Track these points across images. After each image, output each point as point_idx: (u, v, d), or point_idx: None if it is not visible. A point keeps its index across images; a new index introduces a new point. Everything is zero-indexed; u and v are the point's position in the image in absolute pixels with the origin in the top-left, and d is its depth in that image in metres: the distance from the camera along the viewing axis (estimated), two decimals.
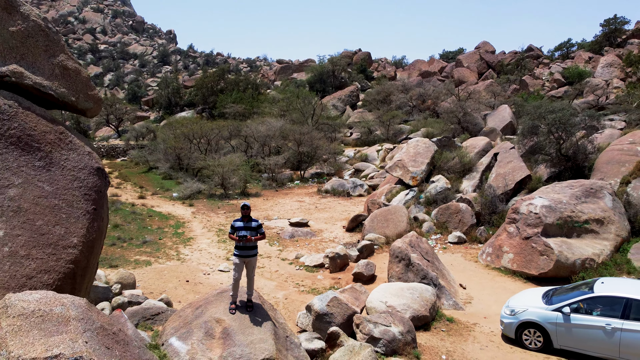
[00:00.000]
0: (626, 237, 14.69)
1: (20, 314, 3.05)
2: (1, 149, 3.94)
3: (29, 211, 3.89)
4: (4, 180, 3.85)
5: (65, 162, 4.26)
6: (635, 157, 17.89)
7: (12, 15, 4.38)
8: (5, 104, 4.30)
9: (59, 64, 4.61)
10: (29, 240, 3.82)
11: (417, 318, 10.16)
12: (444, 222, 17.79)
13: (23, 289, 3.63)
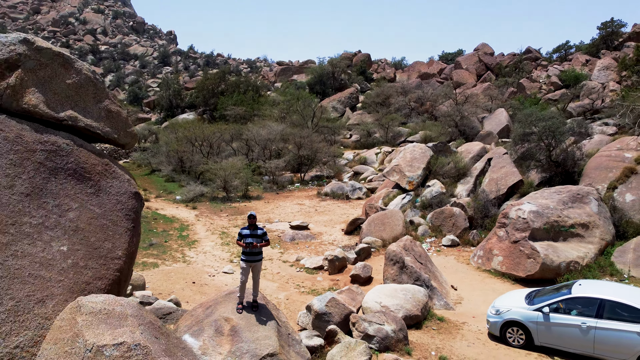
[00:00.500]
0: (610, 240, 15.51)
1: (90, 312, 3.86)
2: (61, 179, 4.81)
3: (85, 230, 4.74)
4: (64, 205, 4.70)
5: (110, 188, 5.12)
6: (622, 163, 18.69)
7: (68, 70, 5.25)
8: (64, 143, 5.16)
9: (105, 107, 5.48)
10: (85, 254, 4.66)
11: (409, 317, 10.98)
12: (439, 226, 18.62)
13: (83, 293, 4.46)
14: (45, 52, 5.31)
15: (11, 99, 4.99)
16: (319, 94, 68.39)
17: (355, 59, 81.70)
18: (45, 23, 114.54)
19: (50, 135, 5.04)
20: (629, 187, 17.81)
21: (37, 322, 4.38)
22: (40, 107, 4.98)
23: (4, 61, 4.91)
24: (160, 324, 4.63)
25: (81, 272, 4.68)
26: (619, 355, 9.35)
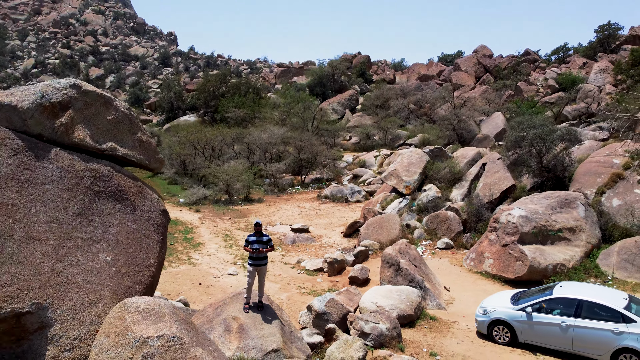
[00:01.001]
0: (596, 244, 16.36)
1: (135, 311, 4.72)
2: (104, 200, 5.69)
3: (124, 242, 5.61)
4: (107, 222, 5.58)
5: (143, 207, 6.00)
6: (610, 168, 19.53)
7: (108, 108, 6.13)
8: (106, 170, 6.04)
9: (138, 138, 6.37)
10: (125, 263, 5.54)
11: (403, 316, 11.83)
12: (434, 229, 19.47)
13: (125, 295, 5.34)
14: (91, 94, 6.21)
15: (64, 134, 5.90)
16: (319, 96, 69.21)
17: (355, 61, 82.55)
18: (46, 24, 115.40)
19: (94, 164, 5.93)
20: (616, 192, 18.67)
21: (91, 319, 5.25)
22: (86, 140, 5.89)
23: (58, 103, 5.81)
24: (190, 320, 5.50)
25: (122, 278, 5.56)
26: (595, 352, 10.21)
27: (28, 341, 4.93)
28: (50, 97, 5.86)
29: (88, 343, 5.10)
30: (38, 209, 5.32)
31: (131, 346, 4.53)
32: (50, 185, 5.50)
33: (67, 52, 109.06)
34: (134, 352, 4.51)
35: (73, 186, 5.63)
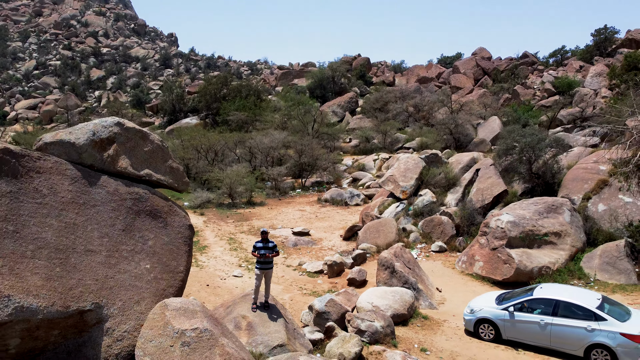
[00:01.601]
0: (581, 247, 17.46)
1: (173, 309, 5.80)
2: (143, 218, 6.78)
3: (159, 253, 6.69)
4: (145, 236, 6.67)
5: (173, 222, 7.11)
6: (597, 175, 20.61)
7: (145, 141, 7.24)
8: (143, 192, 7.16)
9: (169, 165, 7.48)
10: (161, 270, 6.63)
11: (397, 315, 12.93)
12: (429, 233, 20.58)
13: (162, 297, 6.43)
14: (131, 130, 7.33)
15: (110, 164, 7.02)
16: (319, 98, 70.32)
17: (355, 63, 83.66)
18: (47, 25, 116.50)
19: (134, 188, 7.05)
20: (602, 198, 19.76)
21: (136, 316, 6.33)
22: (128, 168, 7.01)
23: (106, 139, 6.93)
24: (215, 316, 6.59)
25: (159, 282, 6.65)
26: (570, 347, 11.31)
27: (88, 333, 6.01)
28: (99, 134, 6.99)
29: (135, 335, 6.19)
30: (92, 226, 6.40)
31: (172, 337, 5.59)
32: (101, 206, 6.60)
33: (68, 53, 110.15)
34: (174, 341, 5.58)
35: (118, 207, 6.74)
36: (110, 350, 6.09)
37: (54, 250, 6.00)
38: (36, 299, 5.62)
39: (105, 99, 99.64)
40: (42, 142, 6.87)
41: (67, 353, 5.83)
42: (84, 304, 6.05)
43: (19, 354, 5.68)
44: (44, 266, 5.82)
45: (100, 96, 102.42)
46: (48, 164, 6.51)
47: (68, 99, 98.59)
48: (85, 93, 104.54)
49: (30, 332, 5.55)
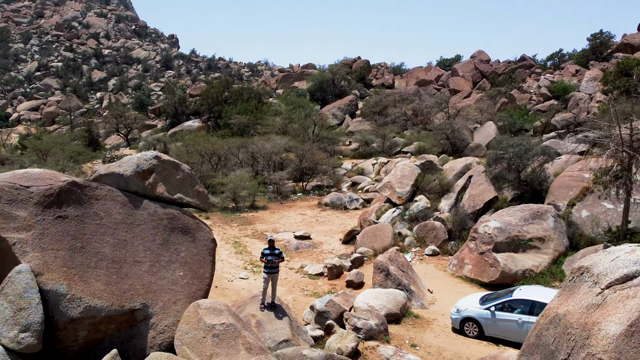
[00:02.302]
0: (563, 251, 18.87)
1: (204, 308, 7.22)
2: (176, 234, 8.18)
3: (190, 262, 8.10)
4: (179, 249, 8.06)
5: (200, 236, 8.51)
6: (581, 182, 22.01)
7: (177, 170, 8.66)
8: (176, 212, 8.59)
9: (196, 190, 8.90)
10: (192, 276, 8.03)
11: (390, 315, 14.36)
12: (423, 237, 22.00)
13: (193, 298, 7.82)
14: (166, 162, 8.76)
15: (150, 190, 8.46)
16: (319, 101, 71.69)
17: (355, 65, 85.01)
18: (48, 27, 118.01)
19: (169, 209, 8.48)
20: (585, 204, 21.17)
21: (174, 313, 7.72)
22: (164, 194, 8.44)
23: (147, 170, 8.38)
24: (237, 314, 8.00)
25: (191, 286, 8.06)
26: None
27: (137, 327, 7.39)
28: (142, 166, 8.43)
29: (173, 329, 7.56)
30: (138, 242, 7.79)
31: (204, 330, 6.96)
32: (144, 225, 8.00)
33: (69, 55, 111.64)
34: (205, 333, 6.95)
35: (157, 225, 8.13)
36: (154, 341, 7.48)
37: (111, 261, 7.40)
38: (100, 300, 7.02)
39: (106, 101, 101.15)
40: (97, 174, 8.33)
41: (120, 343, 7.23)
42: (134, 304, 7.45)
43: (86, 343, 7.10)
44: (104, 274, 7.22)
45: (102, 98, 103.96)
46: (103, 192, 7.96)
47: (70, 101, 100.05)
48: (86, 94, 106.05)
49: (94, 326, 6.97)
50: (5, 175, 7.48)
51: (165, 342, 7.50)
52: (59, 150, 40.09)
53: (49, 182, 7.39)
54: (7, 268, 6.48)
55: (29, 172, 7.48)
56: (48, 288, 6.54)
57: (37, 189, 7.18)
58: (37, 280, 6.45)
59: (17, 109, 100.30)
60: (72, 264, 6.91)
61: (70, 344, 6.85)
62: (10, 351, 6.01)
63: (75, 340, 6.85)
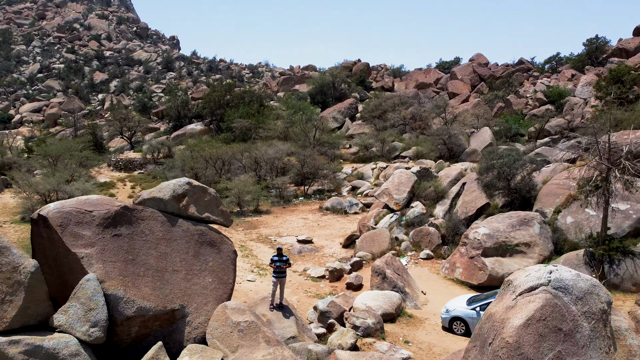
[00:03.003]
0: (548, 256, 20.47)
1: (231, 308, 8.85)
2: (205, 247, 9.77)
3: (217, 271, 9.67)
4: (207, 259, 9.65)
5: (224, 248, 10.10)
6: (567, 190, 23.59)
7: (205, 194, 10.27)
8: (205, 229, 10.20)
9: (220, 209, 10.51)
10: (218, 283, 9.61)
11: (386, 314, 15.97)
12: (418, 242, 23.62)
13: (220, 300, 9.39)
14: (197, 187, 10.38)
15: (183, 211, 10.09)
16: (320, 104, 73.26)
17: (355, 68, 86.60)
18: (50, 29, 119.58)
19: (199, 226, 10.10)
20: (570, 211, 22.76)
21: (205, 313, 9.30)
22: (195, 213, 10.06)
23: (181, 193, 10.00)
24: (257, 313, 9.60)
25: (217, 291, 9.65)
26: None
27: (176, 324, 8.97)
28: (177, 191, 10.04)
29: (205, 325, 9.15)
30: (175, 254, 9.38)
31: (230, 326, 8.55)
32: (179, 240, 9.60)
33: (71, 56, 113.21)
34: (232, 329, 8.53)
35: (189, 240, 9.72)
36: (190, 335, 9.07)
37: (155, 270, 8.98)
38: (148, 302, 8.61)
39: (108, 102, 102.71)
40: (142, 198, 9.95)
41: (163, 337, 8.78)
42: (174, 305, 9.04)
43: (136, 336, 8.70)
44: (150, 281, 8.80)
45: (104, 99, 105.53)
46: (147, 213, 9.57)
47: (72, 102, 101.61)
48: (88, 96, 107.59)
49: (144, 323, 8.56)
50: (71, 201, 9.08)
51: (199, 336, 9.07)
52: (68, 156, 41.73)
53: (107, 207, 8.99)
54: (75, 277, 8.05)
55: (90, 199, 9.07)
56: (109, 293, 8.11)
57: (97, 213, 8.78)
58: (102, 286, 8.03)
59: (20, 110, 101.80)
60: (126, 273, 8.48)
61: (125, 337, 8.43)
62: (82, 342, 7.60)
63: (128, 334, 8.43)
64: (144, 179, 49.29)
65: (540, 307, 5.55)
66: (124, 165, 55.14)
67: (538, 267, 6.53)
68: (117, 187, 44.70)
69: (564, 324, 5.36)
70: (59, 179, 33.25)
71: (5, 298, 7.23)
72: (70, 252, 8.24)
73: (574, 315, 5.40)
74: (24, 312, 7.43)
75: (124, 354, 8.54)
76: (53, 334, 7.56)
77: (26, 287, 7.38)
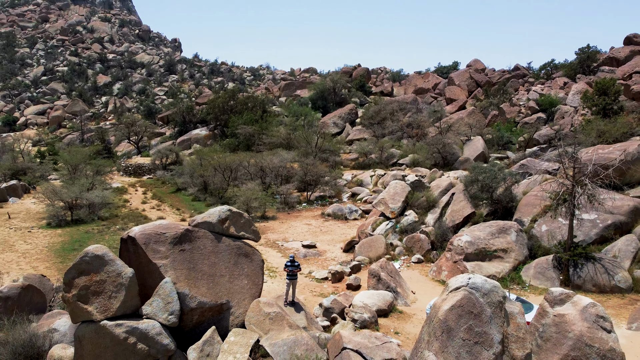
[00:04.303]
0: (522, 260, 23.80)
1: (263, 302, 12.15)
2: (241, 257, 13.05)
3: (250, 275, 12.91)
4: (243, 267, 12.94)
5: (254, 258, 13.39)
6: (544, 201, 26.87)
7: (241, 217, 13.63)
8: (241, 244, 13.53)
9: (252, 228, 13.83)
10: (252, 284, 12.86)
11: (380, 310, 19.32)
12: (410, 247, 26.97)
13: (253, 297, 12.65)
14: (235, 212, 13.70)
15: (226, 231, 13.41)
16: (321, 109, 76.62)
17: (355, 73, 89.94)
18: (53, 31, 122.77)
19: (237, 242, 13.41)
20: (545, 220, 26.10)
21: (244, 306, 12.59)
22: (234, 232, 13.39)
23: (224, 218, 13.34)
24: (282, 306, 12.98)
25: (251, 290, 12.97)
26: None
27: (223, 314, 12.28)
28: (221, 216, 13.36)
29: (244, 315, 12.46)
30: (221, 263, 12.65)
31: (263, 315, 11.83)
32: (224, 252, 12.88)
33: (75, 59, 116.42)
34: (264, 317, 11.81)
35: (230, 252, 13.01)
36: (233, 322, 12.37)
37: (208, 275, 12.30)
38: (205, 298, 11.91)
39: (112, 105, 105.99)
40: (196, 222, 13.29)
41: (214, 323, 12.07)
42: (222, 300, 12.36)
43: (196, 323, 12.02)
44: (205, 283, 12.11)
45: (107, 102, 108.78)
46: (201, 233, 12.90)
47: (76, 105, 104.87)
48: (92, 99, 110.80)
49: (202, 313, 11.87)
50: (150, 225, 12.39)
51: (240, 322, 12.33)
52: (85, 164, 45.06)
53: (175, 230, 12.30)
54: (154, 280, 11.32)
55: (162, 223, 12.39)
56: (179, 291, 11.38)
57: (169, 234, 12.05)
58: (175, 287, 11.32)
59: (24, 113, 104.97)
60: (190, 277, 11.75)
61: (188, 323, 11.69)
62: (163, 326, 10.87)
63: (190, 321, 11.70)
64: (153, 184, 52.63)
65: (460, 299, 8.79)
66: (133, 170, 58.37)
67: (463, 276, 9.75)
68: (130, 192, 48.03)
69: (475, 309, 8.62)
70: (82, 187, 36.55)
71: (112, 295, 10.51)
72: (151, 262, 11.51)
73: (481, 304, 8.61)
74: (124, 305, 10.67)
75: (187, 335, 11.78)
76: (143, 320, 10.80)
77: (126, 287, 10.64)
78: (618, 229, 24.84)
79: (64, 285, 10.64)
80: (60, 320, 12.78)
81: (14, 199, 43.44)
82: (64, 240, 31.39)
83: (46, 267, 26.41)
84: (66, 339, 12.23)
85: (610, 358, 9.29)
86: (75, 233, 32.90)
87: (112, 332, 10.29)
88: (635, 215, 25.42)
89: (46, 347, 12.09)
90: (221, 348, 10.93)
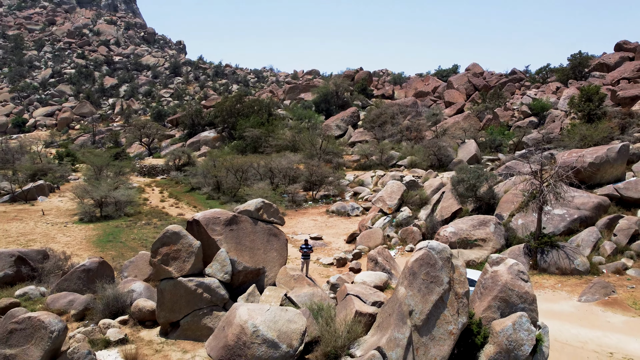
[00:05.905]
0: (499, 248, 28.60)
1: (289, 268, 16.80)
2: (272, 236, 17.69)
3: (278, 249, 17.53)
4: (273, 243, 17.56)
5: (281, 237, 18.03)
6: (521, 198, 31.71)
7: (271, 207, 18.49)
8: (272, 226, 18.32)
9: (279, 215, 18.71)
10: (279, 256, 17.49)
11: (376, 287, 24.06)
12: (404, 238, 31.79)
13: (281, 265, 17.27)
14: (267, 203, 18.54)
15: (261, 216, 18.14)
16: (324, 112, 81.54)
17: (357, 77, 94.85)
18: (60, 34, 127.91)
19: (268, 225, 18.15)
20: (521, 215, 30.88)
21: (275, 270, 17.23)
22: (266, 218, 18.14)
23: (259, 207, 18.19)
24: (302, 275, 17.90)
25: (280, 260, 17.61)
26: None
27: (260, 277, 16.91)
28: (257, 206, 18.12)
29: (274, 278, 17.04)
30: (258, 240, 17.32)
31: (289, 277, 16.61)
32: (259, 233, 17.57)
33: (82, 62, 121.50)
34: (289, 278, 16.54)
35: (264, 232, 17.72)
36: (267, 283, 17.06)
37: (249, 248, 17.06)
38: (248, 264, 16.61)
39: (118, 107, 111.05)
40: (239, 210, 18.07)
41: (253, 282, 16.82)
42: (259, 266, 17.08)
43: (241, 282, 16.68)
44: (248, 254, 16.85)
45: (114, 104, 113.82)
46: (243, 218, 17.65)
47: (83, 107, 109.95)
48: (99, 100, 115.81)
49: (245, 275, 16.61)
50: (208, 212, 17.12)
51: (272, 282, 17.04)
52: (108, 165, 50.02)
53: (226, 215, 17.03)
54: (212, 251, 16.06)
55: (216, 211, 17.15)
56: (230, 258, 16.12)
57: (222, 217, 16.79)
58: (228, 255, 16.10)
59: (33, 114, 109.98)
60: (237, 249, 16.49)
61: (235, 281, 16.36)
62: (220, 282, 15.65)
63: (237, 280, 16.43)
64: (168, 184, 57.56)
65: (422, 254, 13.53)
66: (147, 171, 63.30)
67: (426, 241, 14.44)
68: (147, 191, 52.96)
69: (431, 261, 13.36)
70: (109, 186, 41.47)
71: (185, 259, 15.28)
72: (210, 237, 16.28)
73: (435, 258, 13.35)
74: (194, 267, 15.39)
75: (235, 291, 16.46)
76: (205, 277, 15.59)
77: (195, 254, 15.37)
78: (583, 223, 29.63)
79: (151, 253, 15.48)
80: (136, 284, 17.64)
81: (42, 198, 48.34)
82: (98, 233, 36.25)
83: (89, 256, 31.29)
84: (142, 296, 17.08)
85: (524, 297, 14.09)
86: (107, 227, 37.76)
87: (186, 285, 15.08)
88: (599, 211, 30.24)
89: (128, 302, 16.90)
90: (260, 299, 15.71)
